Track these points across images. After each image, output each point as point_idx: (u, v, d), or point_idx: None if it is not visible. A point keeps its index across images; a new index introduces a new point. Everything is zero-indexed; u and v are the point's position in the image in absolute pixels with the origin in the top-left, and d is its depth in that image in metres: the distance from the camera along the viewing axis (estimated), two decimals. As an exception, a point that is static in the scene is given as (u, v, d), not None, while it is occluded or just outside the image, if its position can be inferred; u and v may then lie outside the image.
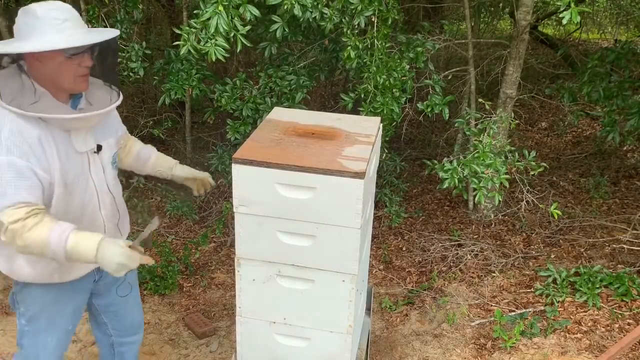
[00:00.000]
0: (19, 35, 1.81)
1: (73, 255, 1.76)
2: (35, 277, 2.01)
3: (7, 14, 4.22)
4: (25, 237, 1.72)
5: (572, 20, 2.53)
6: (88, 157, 1.95)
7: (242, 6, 2.86)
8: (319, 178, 1.86)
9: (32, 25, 1.78)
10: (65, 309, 2.12)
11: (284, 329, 2.13)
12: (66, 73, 1.80)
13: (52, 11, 1.77)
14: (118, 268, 1.78)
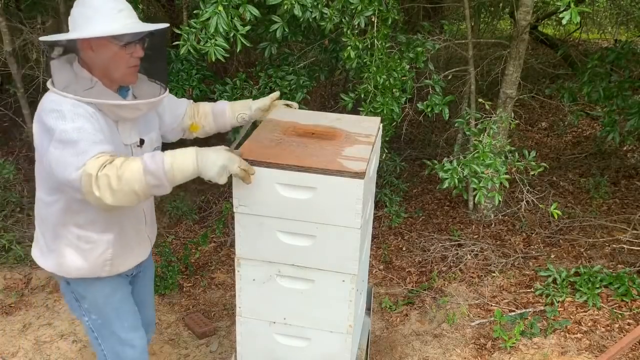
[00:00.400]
0: (75, 25, 1.85)
1: (175, 172, 1.71)
2: (87, 271, 2.03)
3: (7, 14, 4.23)
4: (119, 175, 1.67)
5: (572, 21, 2.53)
6: (132, 150, 2.01)
7: (242, 6, 2.86)
8: (319, 178, 1.86)
9: (88, 15, 1.82)
10: (125, 296, 2.18)
11: (284, 329, 2.13)
12: (119, 62, 1.86)
13: (109, 2, 1.83)
14: (220, 171, 1.73)
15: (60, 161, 1.72)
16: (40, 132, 1.80)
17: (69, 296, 2.16)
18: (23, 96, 4.14)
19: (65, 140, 1.72)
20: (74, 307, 2.18)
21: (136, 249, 2.16)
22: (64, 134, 1.73)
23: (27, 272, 3.84)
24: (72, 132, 1.73)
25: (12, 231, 4.11)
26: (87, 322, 2.17)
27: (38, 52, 3.99)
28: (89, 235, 1.98)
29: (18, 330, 3.33)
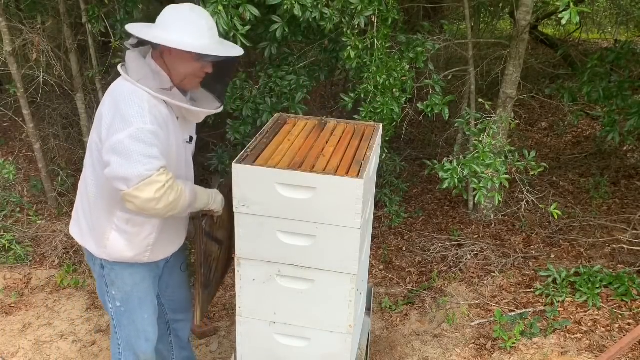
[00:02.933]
0: (165, 26, 1.95)
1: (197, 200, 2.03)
2: (129, 256, 2.13)
3: (8, 14, 4.23)
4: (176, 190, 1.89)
5: (571, 21, 2.53)
6: (185, 145, 2.15)
7: (242, 6, 2.86)
8: (319, 178, 1.87)
9: (180, 24, 1.93)
10: (151, 287, 2.28)
11: (284, 329, 2.13)
12: (191, 74, 1.99)
13: (202, 20, 1.95)
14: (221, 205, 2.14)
15: (128, 154, 1.81)
16: (114, 115, 1.88)
17: (100, 281, 2.24)
18: (23, 96, 4.13)
19: (141, 139, 1.82)
20: (102, 292, 2.27)
21: (175, 238, 2.27)
22: (141, 133, 1.83)
23: (27, 272, 3.84)
24: (149, 134, 1.84)
25: (12, 231, 4.11)
26: (110, 309, 2.27)
27: (38, 52, 3.98)
28: (136, 218, 2.06)
29: (18, 330, 3.33)
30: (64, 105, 5.05)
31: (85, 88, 4.45)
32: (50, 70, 4.08)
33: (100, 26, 3.73)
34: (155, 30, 1.95)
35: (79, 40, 4.38)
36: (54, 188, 4.50)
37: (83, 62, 4.52)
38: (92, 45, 4.14)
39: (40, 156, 4.36)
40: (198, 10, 1.98)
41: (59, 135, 4.95)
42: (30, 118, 4.24)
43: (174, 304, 2.55)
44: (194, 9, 1.97)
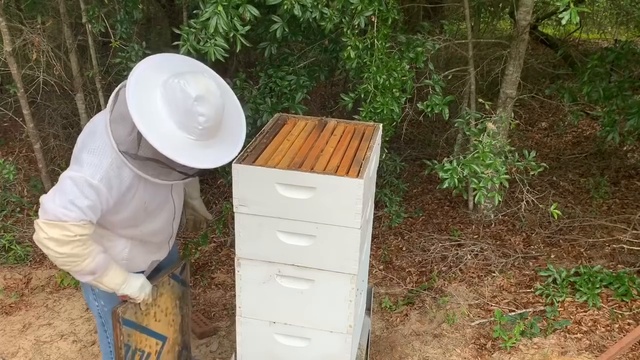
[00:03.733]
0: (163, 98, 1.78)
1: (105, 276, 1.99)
2: None
3: (8, 14, 4.23)
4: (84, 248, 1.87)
5: (571, 21, 2.53)
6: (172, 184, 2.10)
7: (242, 6, 2.85)
8: (319, 178, 1.87)
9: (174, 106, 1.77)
10: None
11: (284, 329, 2.13)
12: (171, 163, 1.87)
13: (200, 117, 1.78)
14: (140, 290, 2.11)
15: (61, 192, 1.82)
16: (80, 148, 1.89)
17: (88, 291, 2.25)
18: (23, 96, 4.13)
19: (79, 186, 1.81)
20: (87, 291, 2.27)
21: (154, 254, 2.26)
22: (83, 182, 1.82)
23: (27, 272, 3.84)
24: (89, 188, 1.82)
25: (12, 231, 4.11)
26: (96, 307, 2.27)
27: (38, 52, 3.98)
28: (110, 234, 2.07)
29: (18, 330, 3.33)
30: (64, 105, 5.05)
31: (85, 88, 4.45)
32: (50, 70, 4.08)
33: (100, 26, 3.73)
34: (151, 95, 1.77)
35: (79, 40, 4.38)
36: (54, 188, 4.50)
37: (83, 62, 4.52)
38: (92, 45, 4.14)
39: (40, 156, 4.36)
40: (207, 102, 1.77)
41: (59, 135, 4.95)
42: (30, 118, 4.24)
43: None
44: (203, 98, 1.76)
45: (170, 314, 2.36)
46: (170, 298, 2.33)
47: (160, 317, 2.30)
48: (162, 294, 2.28)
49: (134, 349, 2.19)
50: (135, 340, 2.20)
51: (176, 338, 2.44)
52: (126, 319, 2.13)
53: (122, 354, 2.14)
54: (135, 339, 2.19)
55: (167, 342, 2.37)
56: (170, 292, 2.33)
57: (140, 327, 2.20)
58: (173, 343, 2.43)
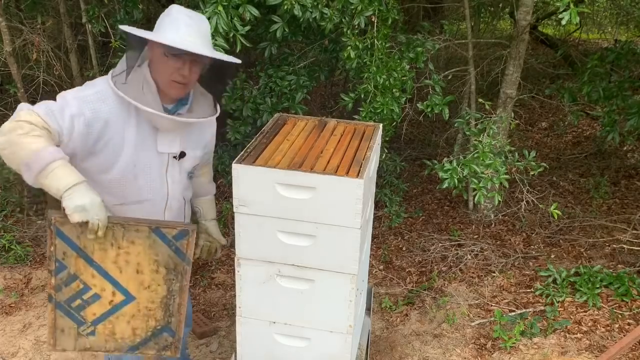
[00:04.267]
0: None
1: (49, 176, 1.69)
2: None
3: (7, 14, 4.23)
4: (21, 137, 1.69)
5: (571, 21, 2.53)
6: (168, 159, 2.04)
7: (242, 6, 2.86)
8: (319, 178, 1.86)
9: (162, 20, 1.90)
10: None
11: (284, 329, 2.13)
12: (163, 72, 1.89)
13: (183, 15, 1.88)
14: (76, 209, 1.68)
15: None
16: None
17: None
18: (23, 96, 4.13)
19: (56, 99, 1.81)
20: None
21: None
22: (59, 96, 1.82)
23: (27, 272, 3.84)
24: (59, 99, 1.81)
25: (12, 231, 4.11)
26: None
27: (38, 52, 3.98)
28: None
29: (18, 330, 3.33)
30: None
31: (85, 88, 4.44)
32: (50, 70, 4.08)
33: (100, 26, 3.73)
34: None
35: (79, 40, 4.39)
36: (54, 188, 4.50)
37: (83, 62, 4.52)
38: (92, 45, 4.15)
39: (40, 156, 4.35)
40: (186, 11, 1.91)
41: (59, 135, 4.94)
42: (30, 118, 4.23)
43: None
44: (183, 10, 1.91)
45: (145, 274, 1.92)
46: (147, 256, 1.90)
47: (126, 269, 1.89)
48: (133, 242, 1.86)
49: (72, 273, 1.84)
50: (77, 267, 1.84)
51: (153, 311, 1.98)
52: (62, 233, 1.78)
53: (53, 267, 1.81)
54: (77, 265, 1.83)
55: (136, 304, 1.95)
56: (147, 248, 1.88)
57: (86, 257, 1.83)
58: (146, 313, 1.98)
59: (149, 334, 2.00)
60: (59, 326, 1.89)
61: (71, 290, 1.85)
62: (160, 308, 1.98)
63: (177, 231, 1.88)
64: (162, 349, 2.03)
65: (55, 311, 1.87)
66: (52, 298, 1.85)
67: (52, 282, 1.83)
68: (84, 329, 1.92)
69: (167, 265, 1.93)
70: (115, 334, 1.96)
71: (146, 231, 1.85)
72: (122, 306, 1.94)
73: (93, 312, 1.91)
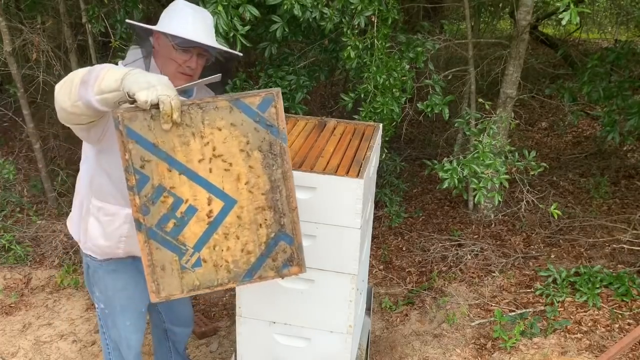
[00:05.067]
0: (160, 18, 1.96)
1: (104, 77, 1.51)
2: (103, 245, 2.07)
3: (7, 14, 4.23)
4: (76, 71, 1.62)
5: (571, 21, 2.53)
6: None
7: (242, 6, 2.85)
8: (319, 178, 1.86)
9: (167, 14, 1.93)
10: (134, 295, 2.22)
11: (284, 329, 2.13)
12: (170, 63, 1.91)
13: (189, 8, 1.92)
14: (142, 86, 1.41)
15: None
16: None
17: (87, 279, 2.25)
18: (23, 96, 4.14)
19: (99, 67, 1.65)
20: (90, 291, 2.27)
21: None
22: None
23: (27, 272, 3.84)
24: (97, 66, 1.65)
25: (12, 231, 4.11)
26: (97, 309, 2.27)
27: (38, 52, 3.98)
28: (108, 207, 2.02)
29: (18, 330, 3.33)
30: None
31: (85, 88, 4.44)
32: (50, 70, 4.08)
33: (100, 26, 3.73)
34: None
35: (79, 40, 4.38)
36: (54, 188, 4.50)
37: (83, 62, 4.52)
38: (92, 45, 4.14)
39: (40, 156, 4.36)
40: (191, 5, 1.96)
41: (59, 135, 4.95)
42: (30, 118, 4.24)
43: (172, 315, 2.54)
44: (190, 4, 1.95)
45: (239, 166, 1.53)
46: (236, 140, 1.51)
47: (216, 164, 1.51)
48: (216, 125, 1.49)
49: (156, 185, 1.48)
50: (160, 174, 1.48)
51: (260, 213, 1.57)
52: (134, 132, 1.44)
53: (134, 182, 1.46)
54: (160, 172, 1.48)
55: (239, 209, 1.55)
56: (233, 130, 1.50)
57: (168, 158, 1.48)
58: (252, 219, 1.57)
59: (263, 247, 1.60)
60: (157, 262, 1.52)
61: (161, 209, 1.50)
62: (267, 207, 1.58)
63: (261, 98, 1.50)
64: (283, 265, 1.63)
65: (149, 242, 1.51)
66: (142, 224, 1.49)
67: (137, 201, 1.48)
68: (186, 260, 1.54)
69: (261, 147, 1.53)
70: (225, 258, 1.58)
71: (227, 107, 1.48)
72: (224, 215, 1.55)
73: (193, 233, 1.54)
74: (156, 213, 1.49)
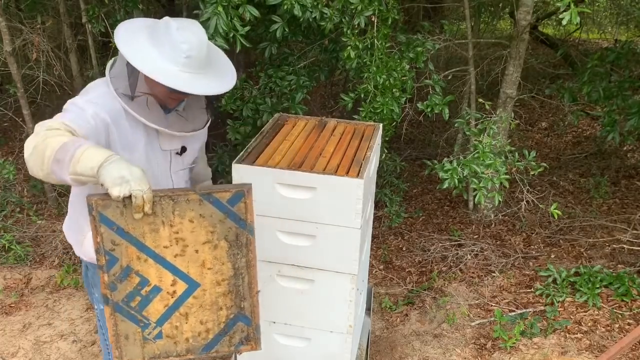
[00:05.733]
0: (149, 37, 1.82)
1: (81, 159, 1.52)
2: None
3: (7, 14, 4.23)
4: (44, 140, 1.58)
5: (571, 21, 2.53)
6: (171, 156, 2.03)
7: (242, 6, 2.85)
8: (319, 178, 1.87)
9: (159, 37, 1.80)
10: None
11: (284, 329, 2.13)
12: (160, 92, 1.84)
13: (183, 44, 1.77)
14: (115, 181, 1.47)
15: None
16: None
17: (86, 281, 2.23)
18: (23, 96, 4.13)
19: (64, 109, 1.76)
20: (90, 293, 2.25)
21: None
22: (68, 104, 1.77)
23: (27, 272, 3.84)
24: (72, 106, 1.76)
25: (12, 231, 4.11)
26: (96, 309, 2.25)
27: (38, 52, 3.99)
28: None
29: (18, 330, 3.33)
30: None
31: (85, 88, 4.45)
32: (50, 70, 4.09)
33: (100, 26, 3.73)
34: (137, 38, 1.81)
35: (79, 40, 4.39)
36: (54, 188, 4.50)
37: (83, 62, 4.52)
38: (92, 45, 4.15)
39: (40, 156, 4.35)
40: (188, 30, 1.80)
41: (59, 135, 4.94)
42: (30, 118, 4.24)
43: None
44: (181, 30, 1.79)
45: (204, 252, 1.66)
46: (204, 230, 1.64)
47: (183, 250, 1.64)
48: (186, 216, 1.61)
49: (124, 265, 1.60)
50: (129, 257, 1.60)
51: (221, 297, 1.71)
52: (107, 218, 1.54)
53: (103, 262, 1.57)
54: (129, 255, 1.60)
55: (201, 292, 1.69)
56: (201, 221, 1.62)
57: (137, 242, 1.59)
58: (214, 301, 1.71)
59: (222, 326, 1.72)
60: (122, 332, 1.65)
61: (127, 287, 1.62)
62: (229, 292, 1.71)
63: (231, 194, 1.61)
64: (240, 342, 1.74)
65: (115, 315, 1.64)
66: (109, 299, 1.61)
67: (105, 279, 1.59)
68: (149, 332, 1.68)
69: (227, 237, 1.67)
70: (185, 333, 1.71)
71: (198, 200, 1.59)
72: (187, 296, 1.68)
73: (156, 309, 1.66)
74: (123, 290, 1.61)
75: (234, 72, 1.95)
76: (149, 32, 1.84)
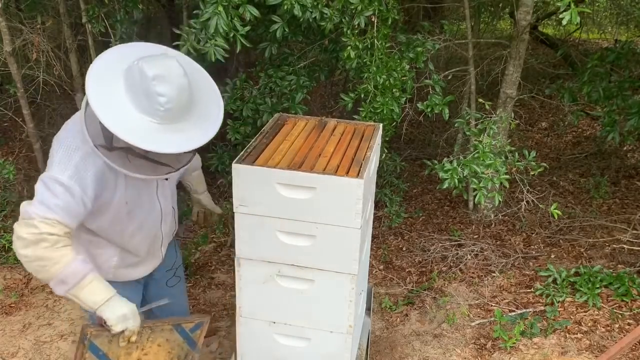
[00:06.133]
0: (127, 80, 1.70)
1: (83, 293, 1.78)
2: None
3: (7, 14, 4.22)
4: (49, 250, 1.74)
5: (571, 21, 2.53)
6: (157, 182, 2.03)
7: (242, 6, 2.85)
8: (319, 178, 1.87)
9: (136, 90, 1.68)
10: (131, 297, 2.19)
11: (284, 329, 2.13)
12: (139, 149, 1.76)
13: (161, 97, 1.67)
14: (119, 319, 1.81)
15: (36, 194, 1.79)
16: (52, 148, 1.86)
17: None
18: (23, 96, 4.13)
19: (49, 187, 1.77)
20: None
21: (144, 265, 2.19)
22: (52, 182, 1.77)
23: (27, 272, 3.83)
24: (58, 186, 1.76)
25: (12, 231, 4.10)
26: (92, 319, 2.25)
27: (38, 52, 3.98)
28: (99, 240, 2.02)
29: (18, 330, 3.33)
30: (64, 105, 5.05)
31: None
32: (50, 70, 4.08)
33: (100, 26, 3.73)
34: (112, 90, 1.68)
35: (79, 40, 4.38)
36: (54, 188, 4.49)
37: (83, 62, 4.52)
38: (92, 45, 4.14)
39: (40, 156, 4.36)
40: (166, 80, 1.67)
41: (59, 135, 4.94)
42: (30, 118, 4.24)
43: (168, 314, 2.53)
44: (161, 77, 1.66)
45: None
46: (164, 351, 2.01)
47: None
48: (156, 341, 1.98)
49: None
50: None
51: None
52: (95, 346, 1.84)
53: None
54: None
55: None
56: (167, 346, 2.01)
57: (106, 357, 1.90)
58: None
59: None
60: None
61: None
62: None
63: (194, 324, 2.05)
64: None
65: None
66: None
67: None
68: None
69: (180, 356, 2.07)
70: None
71: (169, 329, 1.99)
72: None
73: None
74: None
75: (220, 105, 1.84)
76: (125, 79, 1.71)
